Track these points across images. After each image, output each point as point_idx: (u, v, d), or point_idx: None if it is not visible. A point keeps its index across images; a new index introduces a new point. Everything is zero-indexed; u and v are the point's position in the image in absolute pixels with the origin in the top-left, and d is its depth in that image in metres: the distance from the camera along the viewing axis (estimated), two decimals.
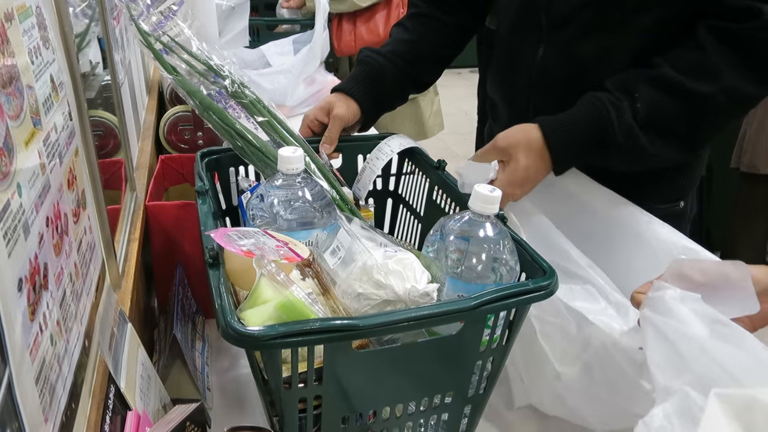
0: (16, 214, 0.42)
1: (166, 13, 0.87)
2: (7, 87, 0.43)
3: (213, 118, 0.88)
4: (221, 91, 0.88)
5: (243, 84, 0.91)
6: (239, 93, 0.90)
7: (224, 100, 0.89)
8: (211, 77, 0.89)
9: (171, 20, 0.88)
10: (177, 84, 0.87)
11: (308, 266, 0.72)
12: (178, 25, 0.88)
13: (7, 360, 0.38)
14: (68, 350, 0.52)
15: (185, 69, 0.88)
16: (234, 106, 0.90)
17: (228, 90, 0.89)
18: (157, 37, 0.87)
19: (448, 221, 0.74)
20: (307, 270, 0.71)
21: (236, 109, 0.90)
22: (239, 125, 0.88)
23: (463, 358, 0.68)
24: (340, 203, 0.89)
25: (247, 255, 0.65)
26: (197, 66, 0.89)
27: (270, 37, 2.26)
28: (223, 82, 0.89)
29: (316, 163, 0.92)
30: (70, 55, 0.63)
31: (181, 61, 0.88)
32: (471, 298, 0.63)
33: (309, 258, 0.71)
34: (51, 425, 0.46)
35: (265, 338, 0.56)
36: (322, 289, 0.69)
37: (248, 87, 0.92)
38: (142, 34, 0.86)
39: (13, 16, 0.47)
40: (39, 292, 0.46)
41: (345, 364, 0.62)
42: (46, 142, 0.52)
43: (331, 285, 0.70)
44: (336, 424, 0.67)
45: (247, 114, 0.91)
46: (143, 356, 0.69)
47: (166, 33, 0.88)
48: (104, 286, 0.68)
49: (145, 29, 0.86)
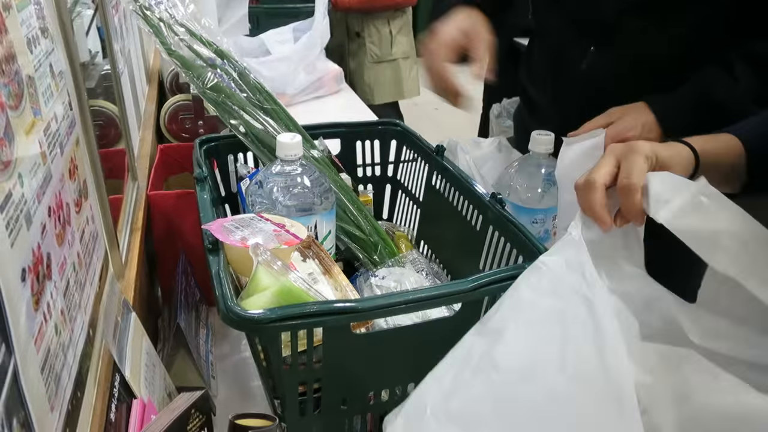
0: (18, 204, 0.43)
1: None
2: (6, 77, 0.44)
3: (211, 95, 0.87)
4: (221, 74, 0.88)
5: (245, 70, 0.91)
6: (243, 77, 0.89)
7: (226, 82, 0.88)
8: (209, 60, 0.88)
9: (168, 1, 0.87)
10: (177, 62, 0.86)
11: (308, 248, 0.73)
12: (176, 6, 0.87)
13: (12, 350, 0.38)
14: (73, 339, 0.53)
15: (185, 47, 0.88)
16: (235, 88, 0.89)
17: (229, 74, 0.88)
18: (158, 16, 0.86)
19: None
20: (307, 251, 0.72)
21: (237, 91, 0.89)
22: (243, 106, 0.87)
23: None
24: (340, 188, 0.89)
25: (244, 246, 0.65)
26: (198, 49, 0.88)
27: (270, 25, 2.25)
28: (225, 66, 0.88)
29: (327, 164, 0.92)
30: (69, 45, 0.63)
31: (180, 41, 0.87)
32: (468, 280, 0.63)
33: (308, 239, 0.72)
34: (57, 414, 0.46)
35: (265, 321, 0.56)
36: (323, 269, 0.69)
37: (250, 73, 0.91)
38: (142, 11, 0.86)
39: (12, 5, 0.47)
40: (42, 281, 0.46)
41: (344, 346, 0.62)
42: (47, 132, 0.52)
43: (332, 264, 0.70)
44: (336, 407, 0.67)
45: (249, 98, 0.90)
46: (147, 345, 0.70)
47: (167, 10, 0.87)
48: (107, 276, 0.69)
49: (144, 5, 0.86)
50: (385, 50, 2.55)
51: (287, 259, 0.70)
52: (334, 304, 0.60)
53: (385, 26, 2.53)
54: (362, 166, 1.08)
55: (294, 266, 0.69)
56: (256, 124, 0.88)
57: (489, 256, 0.79)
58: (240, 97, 0.87)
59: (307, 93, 1.97)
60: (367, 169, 1.08)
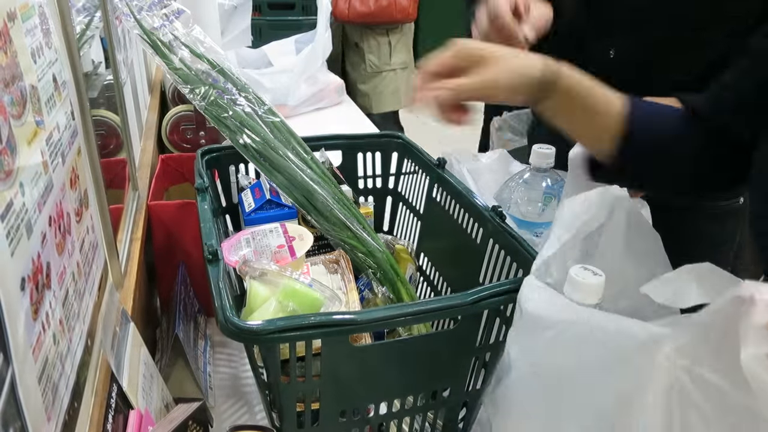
0: (19, 213, 0.43)
1: (165, 16, 0.87)
2: (9, 86, 0.44)
3: (212, 112, 0.87)
4: (220, 92, 0.88)
5: (245, 87, 0.91)
6: (244, 92, 0.90)
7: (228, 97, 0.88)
8: (211, 79, 0.89)
9: (171, 24, 0.88)
10: (177, 78, 0.86)
11: (335, 263, 0.73)
12: (177, 30, 0.88)
13: (10, 359, 0.38)
14: (71, 349, 0.53)
15: (187, 64, 0.88)
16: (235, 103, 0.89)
17: (228, 91, 0.88)
18: (158, 36, 0.87)
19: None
20: (333, 266, 0.73)
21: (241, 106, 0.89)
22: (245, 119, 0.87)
23: (460, 353, 0.69)
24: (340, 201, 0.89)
25: (234, 264, 0.66)
26: (199, 67, 0.89)
27: (272, 37, 2.26)
28: (226, 85, 0.88)
29: (325, 175, 0.91)
30: (72, 55, 0.63)
31: (180, 61, 0.88)
32: (468, 293, 0.63)
33: (338, 254, 0.74)
34: (54, 424, 0.46)
35: (264, 332, 0.56)
36: (344, 284, 0.70)
37: (250, 87, 0.92)
38: (144, 30, 0.86)
39: (16, 15, 0.47)
40: (42, 291, 0.46)
41: (343, 358, 0.62)
42: (49, 142, 0.52)
43: (351, 280, 0.71)
44: (334, 419, 0.67)
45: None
46: (145, 355, 0.70)
47: (170, 32, 0.87)
48: (107, 286, 0.69)
49: (146, 26, 0.86)
50: (383, 60, 2.57)
51: (298, 268, 0.71)
52: (333, 316, 0.60)
53: (383, 37, 2.55)
54: (363, 177, 1.08)
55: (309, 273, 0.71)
56: (257, 138, 0.88)
57: (489, 269, 0.79)
58: (239, 112, 0.87)
59: (308, 104, 1.98)
60: (368, 181, 1.09)
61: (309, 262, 0.78)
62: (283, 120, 0.92)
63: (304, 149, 0.91)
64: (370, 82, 2.60)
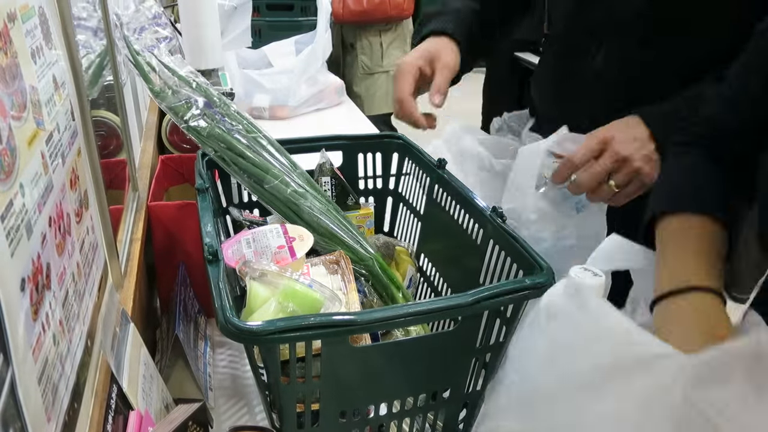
0: (19, 214, 0.43)
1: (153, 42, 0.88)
2: (9, 87, 0.44)
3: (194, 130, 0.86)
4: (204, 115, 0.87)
5: (230, 110, 0.90)
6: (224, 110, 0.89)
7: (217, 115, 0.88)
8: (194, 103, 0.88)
9: (157, 50, 0.88)
10: (162, 103, 0.86)
11: (336, 263, 0.74)
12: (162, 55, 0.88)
13: (10, 360, 0.38)
14: (71, 350, 0.53)
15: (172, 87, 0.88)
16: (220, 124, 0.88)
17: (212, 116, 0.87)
18: (145, 59, 0.87)
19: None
20: (333, 266, 0.73)
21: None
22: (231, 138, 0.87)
23: (460, 354, 0.69)
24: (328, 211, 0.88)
25: (234, 265, 0.67)
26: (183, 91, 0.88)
27: (272, 38, 2.26)
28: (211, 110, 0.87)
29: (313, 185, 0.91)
30: (72, 56, 0.63)
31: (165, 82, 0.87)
32: (468, 294, 0.63)
33: (338, 254, 0.76)
34: (53, 425, 0.46)
35: (264, 333, 0.56)
36: (344, 285, 0.70)
37: (240, 115, 0.91)
38: (131, 51, 0.86)
39: (16, 16, 0.47)
40: (42, 291, 0.46)
41: (343, 359, 0.62)
42: (49, 142, 0.52)
43: (351, 281, 0.71)
44: (335, 420, 0.67)
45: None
46: (145, 356, 0.70)
47: (157, 57, 0.87)
48: (107, 286, 0.69)
49: (135, 48, 0.87)
50: (375, 62, 2.56)
51: (298, 269, 0.71)
52: (333, 316, 0.60)
53: (376, 38, 2.54)
54: (364, 178, 1.08)
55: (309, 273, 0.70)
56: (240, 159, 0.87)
57: (489, 270, 0.79)
58: (223, 133, 0.86)
59: (308, 105, 1.98)
60: (368, 182, 1.09)
61: (309, 263, 0.78)
62: (265, 134, 0.90)
63: (287, 159, 0.90)
64: (362, 84, 2.59)
